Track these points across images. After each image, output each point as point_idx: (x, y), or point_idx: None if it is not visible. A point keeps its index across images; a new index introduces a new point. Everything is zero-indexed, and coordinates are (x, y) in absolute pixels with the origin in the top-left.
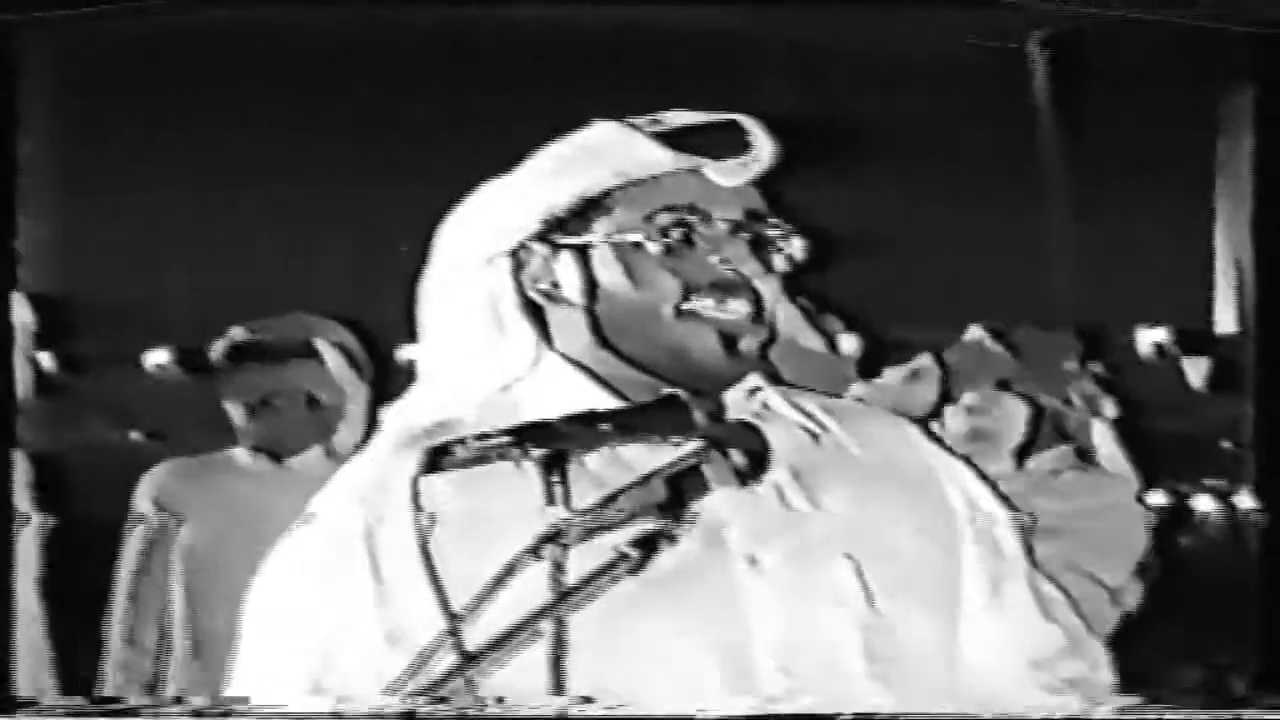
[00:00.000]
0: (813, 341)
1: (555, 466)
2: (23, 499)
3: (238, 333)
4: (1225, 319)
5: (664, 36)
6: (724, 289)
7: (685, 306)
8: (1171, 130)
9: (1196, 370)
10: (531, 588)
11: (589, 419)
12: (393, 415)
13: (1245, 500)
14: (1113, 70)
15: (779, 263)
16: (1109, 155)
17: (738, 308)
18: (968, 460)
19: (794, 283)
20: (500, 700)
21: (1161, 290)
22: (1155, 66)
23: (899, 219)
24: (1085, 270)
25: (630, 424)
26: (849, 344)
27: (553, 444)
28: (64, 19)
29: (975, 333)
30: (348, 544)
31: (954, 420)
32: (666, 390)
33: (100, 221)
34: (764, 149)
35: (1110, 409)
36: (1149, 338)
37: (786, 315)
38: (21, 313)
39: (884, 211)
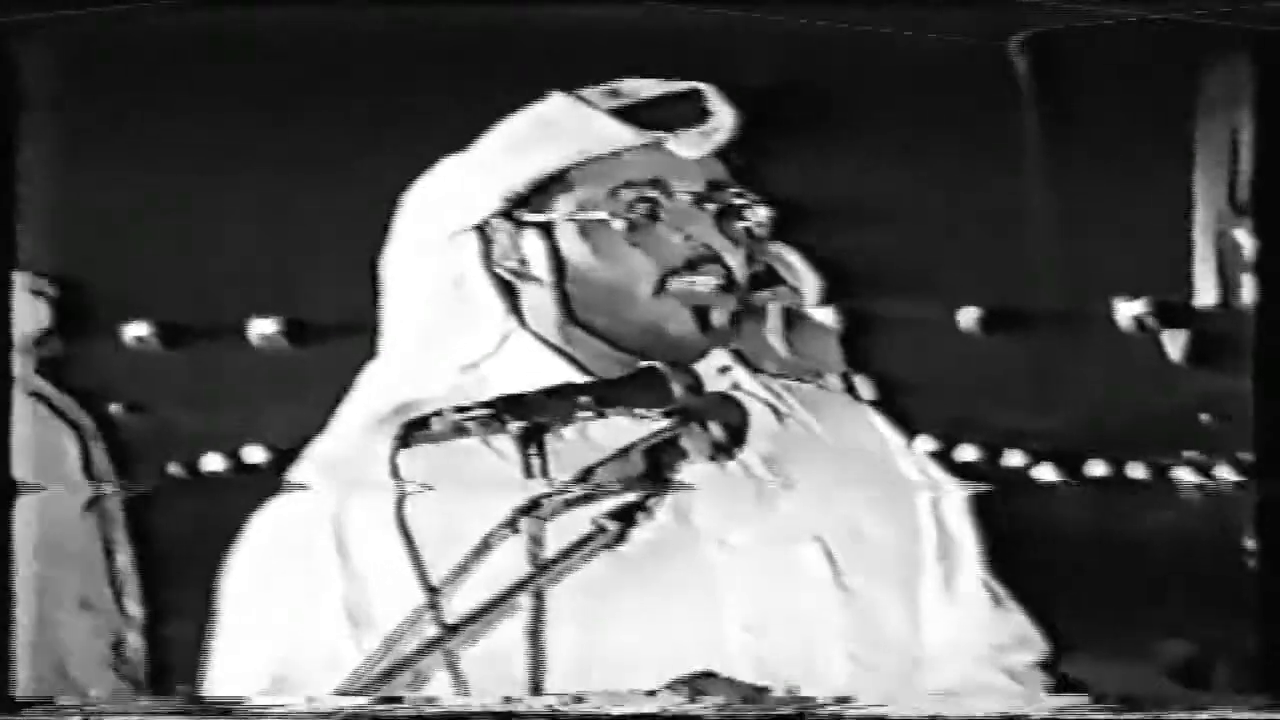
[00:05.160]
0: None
1: (533, 439)
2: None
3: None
4: (1205, 292)
5: (631, 12)
6: (694, 264)
7: (660, 285)
8: (1150, 102)
9: (1175, 343)
10: (509, 561)
11: (567, 391)
12: (358, 391)
13: (1225, 473)
14: (1093, 54)
15: (744, 233)
16: (1087, 128)
17: (708, 281)
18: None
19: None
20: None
21: (1140, 262)
22: (1135, 48)
23: (872, 190)
24: (1063, 242)
25: (609, 396)
26: (824, 317)
27: (530, 416)
28: (62, 18)
29: None
30: (314, 524)
31: None
32: (645, 363)
33: (96, 209)
34: (724, 117)
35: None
36: (1128, 310)
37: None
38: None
39: (856, 182)
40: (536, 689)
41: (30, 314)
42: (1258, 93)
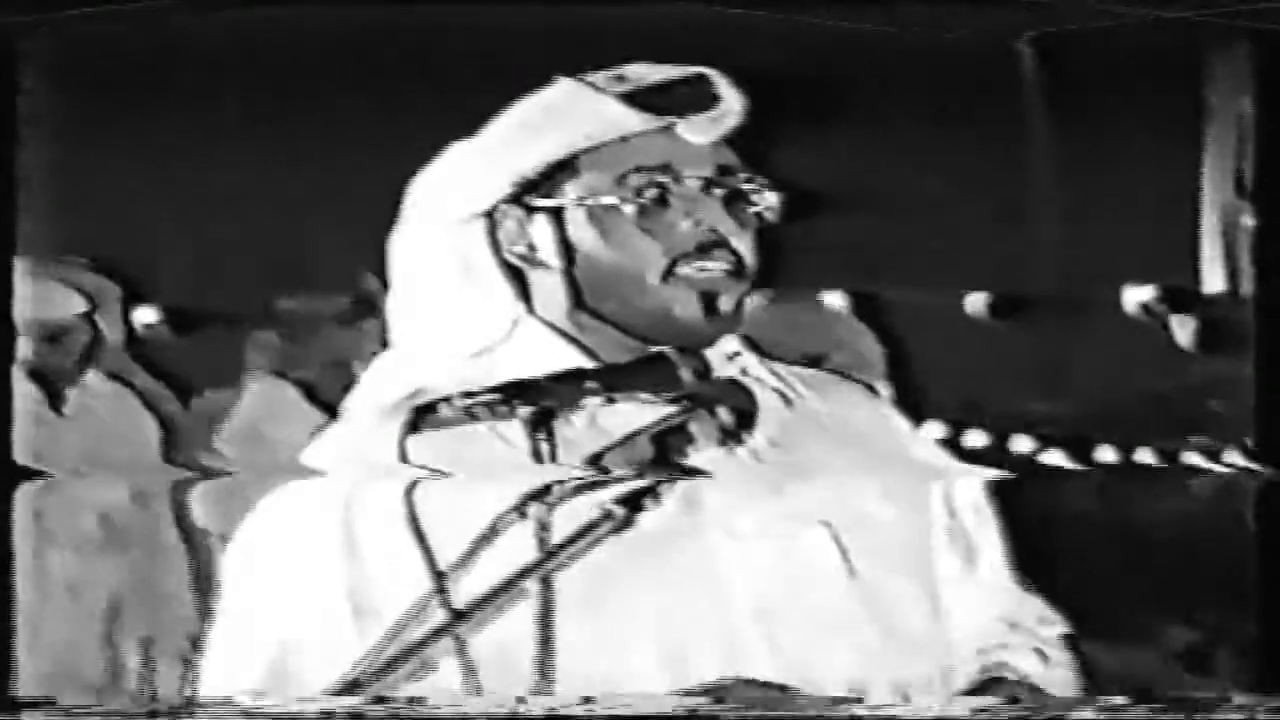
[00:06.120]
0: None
1: (542, 424)
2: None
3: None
4: (1213, 278)
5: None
6: (703, 249)
7: (669, 271)
8: (1158, 93)
9: (1184, 329)
10: (517, 547)
11: (576, 377)
12: (367, 379)
13: (1234, 459)
14: (1101, 48)
15: (754, 218)
16: (1095, 117)
17: (717, 266)
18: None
19: (770, 238)
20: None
21: (1148, 248)
22: (1142, 43)
23: (880, 177)
24: (1070, 228)
25: (618, 382)
26: (833, 300)
27: (540, 402)
28: (65, 17)
29: None
30: (322, 511)
31: None
32: (654, 348)
33: (96, 198)
34: (732, 102)
35: None
36: (1135, 296)
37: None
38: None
39: (864, 169)
40: (544, 676)
41: (65, 301)
42: (1259, 87)
